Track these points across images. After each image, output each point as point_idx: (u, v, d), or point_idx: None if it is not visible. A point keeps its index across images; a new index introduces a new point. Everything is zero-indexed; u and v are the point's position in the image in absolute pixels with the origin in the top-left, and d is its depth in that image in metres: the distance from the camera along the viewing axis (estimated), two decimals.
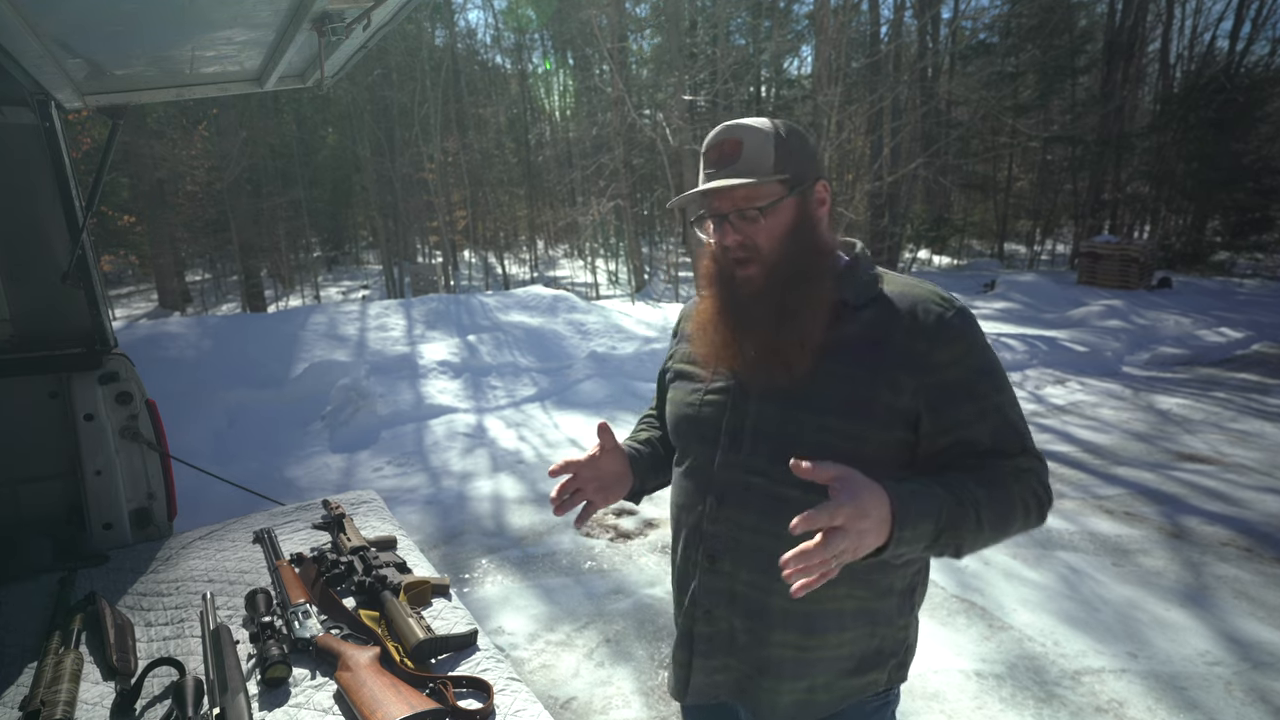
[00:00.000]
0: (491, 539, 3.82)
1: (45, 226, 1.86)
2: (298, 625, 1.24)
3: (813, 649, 1.02)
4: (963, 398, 0.95)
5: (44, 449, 1.89)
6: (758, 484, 1.01)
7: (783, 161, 0.98)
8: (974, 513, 0.89)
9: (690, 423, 1.10)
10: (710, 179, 1.00)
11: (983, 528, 0.90)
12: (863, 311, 0.99)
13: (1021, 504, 0.94)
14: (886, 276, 1.04)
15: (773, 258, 0.99)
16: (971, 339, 0.97)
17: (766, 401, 1.01)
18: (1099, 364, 7.73)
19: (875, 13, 16.35)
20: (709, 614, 1.06)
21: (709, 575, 1.06)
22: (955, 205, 20.22)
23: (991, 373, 0.97)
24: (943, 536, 0.88)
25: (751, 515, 1.01)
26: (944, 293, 1.01)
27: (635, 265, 15.82)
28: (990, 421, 0.96)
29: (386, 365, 6.66)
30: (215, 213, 14.83)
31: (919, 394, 0.95)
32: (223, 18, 1.35)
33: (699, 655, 1.08)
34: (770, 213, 0.98)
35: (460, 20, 25.92)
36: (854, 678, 1.05)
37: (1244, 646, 2.73)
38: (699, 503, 1.07)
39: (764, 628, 1.02)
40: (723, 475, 1.04)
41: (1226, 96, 15.08)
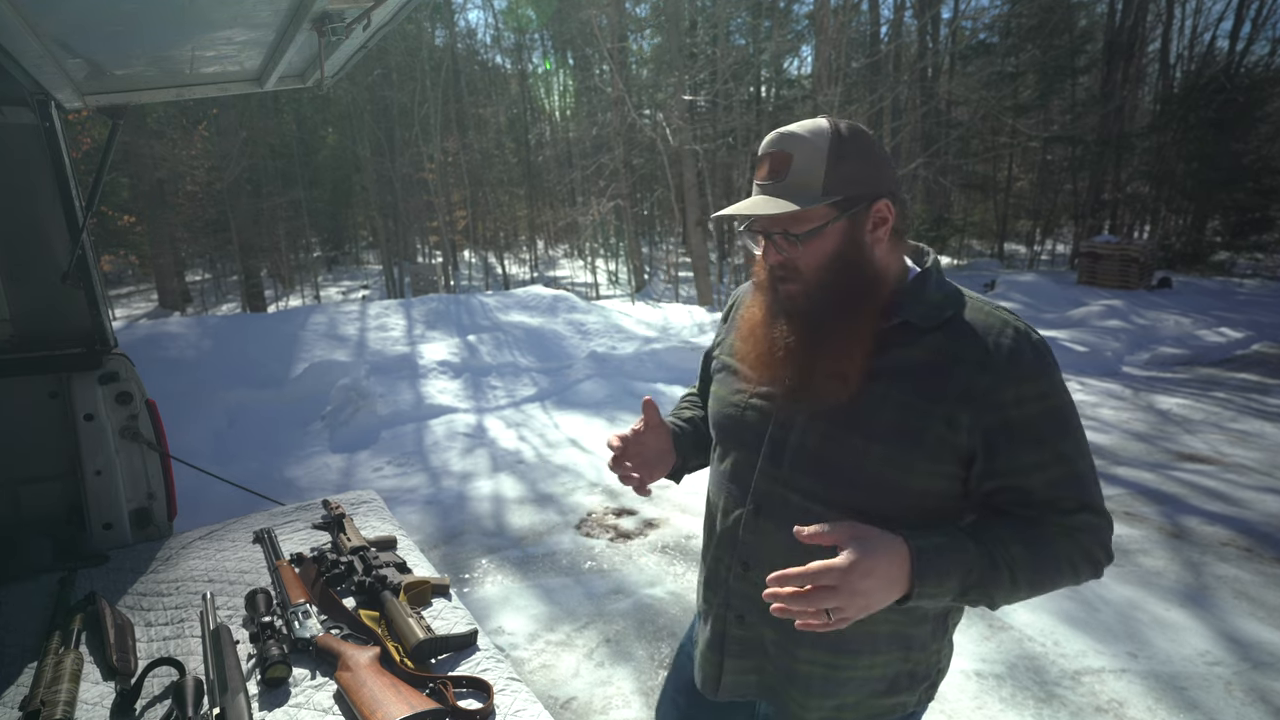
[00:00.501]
0: (491, 539, 3.82)
1: (45, 226, 1.86)
2: (298, 625, 1.24)
3: (843, 668, 1.00)
4: (1024, 442, 0.88)
5: (44, 449, 1.89)
6: (796, 500, 0.98)
7: (834, 181, 0.90)
8: (1008, 573, 0.86)
9: (733, 424, 1.07)
10: (760, 191, 0.95)
11: (1018, 586, 0.87)
12: (928, 335, 0.92)
13: (1069, 564, 0.89)
14: (965, 296, 0.97)
15: (814, 282, 0.95)
16: (1045, 378, 0.89)
17: (815, 419, 0.96)
18: (1099, 364, 7.73)
19: (875, 13, 16.37)
20: (741, 619, 1.05)
21: (742, 581, 1.04)
22: (955, 205, 20.22)
23: (1061, 418, 0.90)
24: (971, 593, 0.85)
25: (785, 531, 0.97)
26: (1022, 323, 0.93)
27: (635, 265, 15.82)
28: (1050, 473, 0.89)
29: (386, 365, 6.66)
30: (215, 213, 14.83)
31: (975, 432, 0.89)
32: (223, 18, 1.35)
33: (730, 657, 1.07)
34: (813, 239, 0.92)
35: (460, 20, 25.95)
36: (884, 699, 1.03)
37: (1244, 646, 2.73)
38: (736, 507, 1.05)
39: (793, 643, 1.01)
40: (762, 485, 1.01)
41: (1226, 96, 15.08)
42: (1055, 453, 0.89)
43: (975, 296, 0.98)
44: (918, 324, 0.93)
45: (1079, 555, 0.89)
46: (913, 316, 0.93)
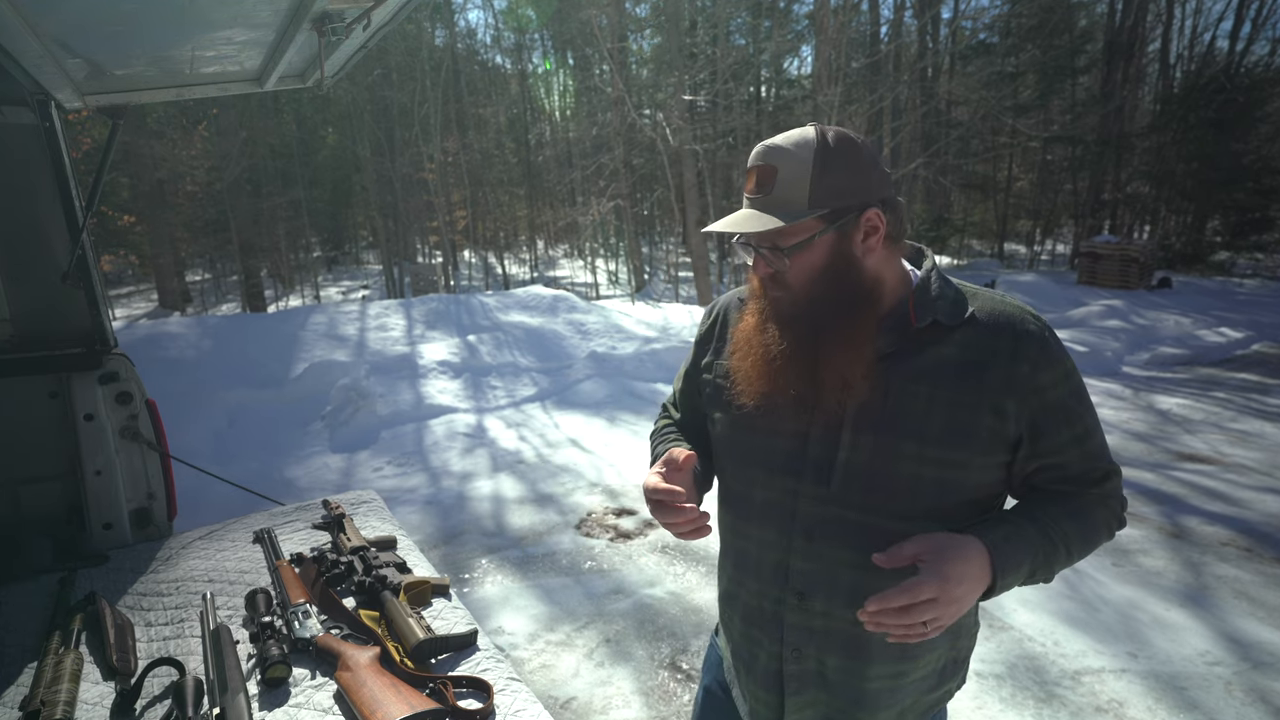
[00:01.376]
0: (491, 539, 3.82)
1: (45, 226, 1.86)
2: (298, 625, 1.24)
3: (906, 674, 1.01)
4: (1061, 423, 0.93)
5: (44, 449, 1.89)
6: (852, 518, 0.95)
7: (820, 193, 0.89)
8: (1064, 548, 0.92)
9: (758, 452, 1.02)
10: (748, 204, 0.95)
11: (1071, 556, 0.94)
12: (956, 332, 0.93)
13: (1105, 527, 0.99)
14: (968, 291, 0.99)
15: (803, 295, 0.95)
16: (1068, 360, 0.95)
17: (860, 432, 0.94)
18: (1099, 364, 7.73)
19: (875, 13, 16.37)
20: (798, 652, 1.01)
21: (799, 613, 1.00)
22: (955, 205, 20.22)
23: (1084, 394, 0.96)
24: (1038, 572, 0.91)
25: (848, 550, 0.95)
26: (1033, 310, 0.97)
27: (635, 265, 15.82)
28: (1084, 446, 0.95)
29: (386, 365, 6.67)
30: (215, 213, 14.84)
31: (1021, 419, 0.91)
32: (223, 18, 1.35)
33: (791, 694, 1.03)
34: (798, 252, 0.92)
35: (460, 20, 25.94)
36: (934, 692, 1.05)
37: (1244, 646, 2.73)
38: (781, 539, 1.00)
39: (861, 664, 0.99)
40: (810, 509, 0.97)
41: (1226, 96, 15.09)
42: (1084, 427, 0.95)
43: (980, 289, 1.00)
44: (946, 322, 0.93)
45: (1112, 518, 1.00)
46: (940, 315, 0.94)
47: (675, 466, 1.00)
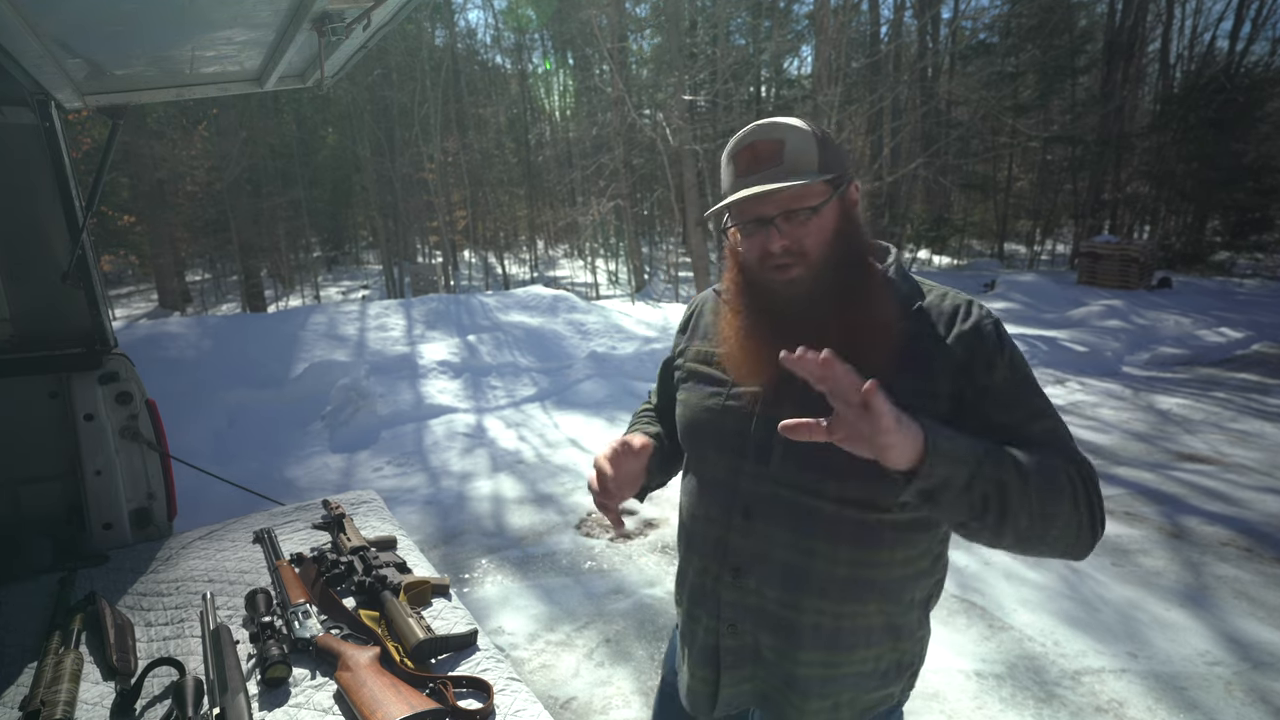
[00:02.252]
0: (491, 539, 3.82)
1: (45, 226, 1.86)
2: (298, 625, 1.24)
3: (840, 665, 1.00)
4: (1007, 406, 0.92)
5: (44, 449, 1.89)
6: (788, 496, 0.97)
7: (825, 160, 0.94)
8: (1016, 471, 0.82)
9: (710, 430, 1.05)
10: (750, 184, 0.94)
11: (1028, 492, 0.82)
12: (902, 324, 0.96)
13: (1071, 486, 0.86)
14: (924, 286, 1.02)
15: (820, 261, 0.95)
16: (1009, 348, 0.95)
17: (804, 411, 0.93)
18: (1099, 364, 7.73)
19: (875, 13, 16.37)
20: (734, 628, 1.03)
21: (733, 590, 1.02)
22: (955, 205, 20.22)
23: (1030, 383, 0.95)
24: (985, 465, 0.81)
25: (783, 530, 0.98)
26: (978, 300, 0.99)
27: (635, 265, 15.82)
28: (1033, 429, 0.92)
29: (386, 365, 6.67)
30: (215, 213, 14.83)
31: (952, 399, 0.92)
32: (222, 18, 1.35)
33: (726, 669, 1.05)
34: (815, 217, 0.94)
35: (460, 20, 25.94)
36: (876, 691, 1.04)
37: (1244, 646, 2.73)
38: (723, 515, 1.03)
39: (792, 646, 1.00)
40: (750, 487, 1.00)
41: (1226, 96, 15.08)
42: (1033, 410, 0.93)
43: (932, 284, 1.03)
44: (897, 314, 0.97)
45: (1079, 481, 0.87)
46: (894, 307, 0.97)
47: (630, 450, 1.04)
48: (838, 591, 0.97)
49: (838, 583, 0.97)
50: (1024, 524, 0.84)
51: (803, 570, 0.97)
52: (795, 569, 0.97)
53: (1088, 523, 0.88)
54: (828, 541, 0.96)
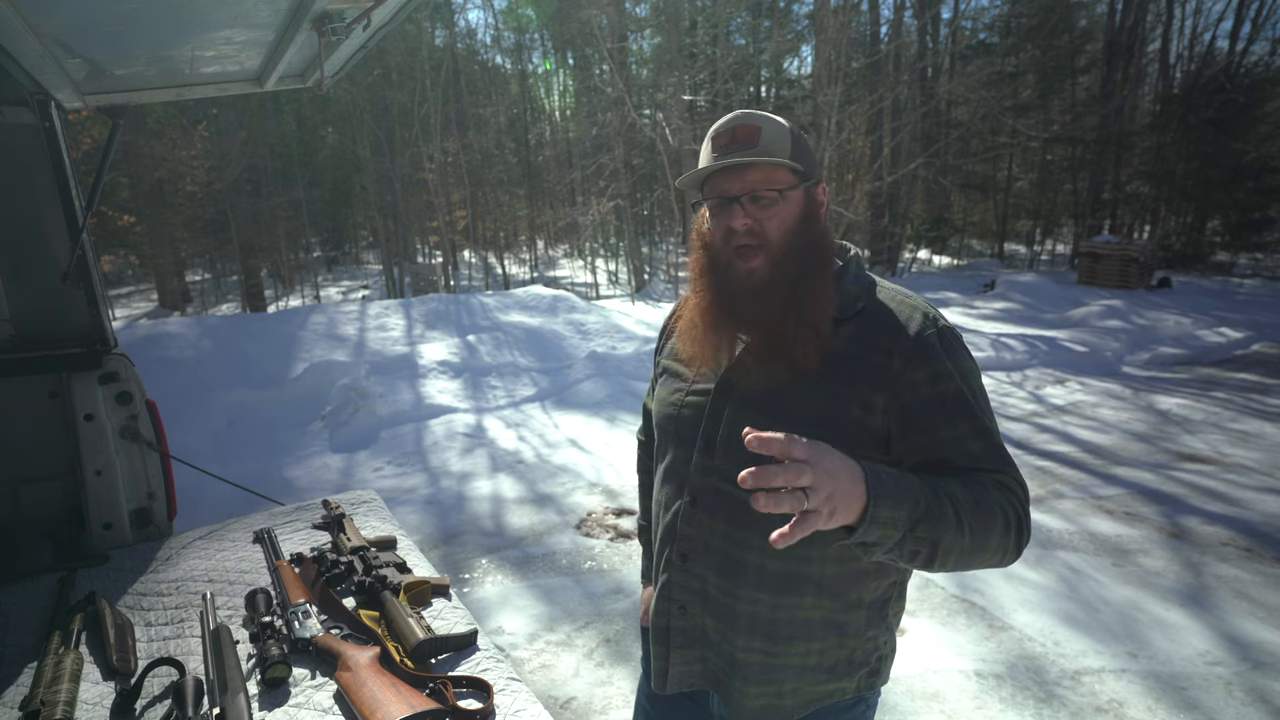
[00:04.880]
0: (491, 539, 3.82)
1: (45, 226, 1.86)
2: (298, 625, 1.24)
3: (779, 655, 1.02)
4: (937, 419, 0.91)
5: (44, 449, 1.89)
6: (726, 490, 1.00)
7: (796, 151, 0.98)
8: (952, 509, 0.81)
9: (671, 422, 1.10)
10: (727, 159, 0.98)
11: (963, 529, 0.82)
12: (844, 325, 0.98)
13: (1002, 515, 0.86)
14: (877, 287, 1.02)
15: (781, 249, 0.97)
16: (951, 359, 0.93)
17: (743, 407, 0.99)
18: (1099, 364, 7.73)
19: (875, 13, 16.36)
20: (683, 609, 1.08)
21: (681, 574, 1.07)
22: (955, 205, 20.21)
23: (970, 396, 0.93)
24: (919, 528, 0.79)
25: (720, 521, 1.01)
26: (931, 309, 0.98)
27: (635, 265, 15.81)
28: (969, 445, 0.91)
29: (386, 365, 6.66)
30: (215, 213, 14.84)
31: (889, 413, 0.92)
32: (222, 18, 1.35)
33: (675, 647, 1.10)
34: (779, 204, 0.97)
35: (460, 20, 25.95)
36: (821, 685, 1.04)
37: (1244, 647, 2.73)
38: (674, 501, 1.08)
39: (730, 630, 1.03)
40: (697, 478, 1.04)
41: (1226, 96, 15.09)
42: (969, 426, 0.91)
43: (888, 285, 1.03)
44: (836, 314, 0.98)
45: (1009, 508, 0.87)
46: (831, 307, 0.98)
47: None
48: (772, 583, 0.99)
49: (771, 575, 0.99)
50: (951, 564, 0.84)
51: (738, 561, 1.00)
52: (731, 559, 1.01)
53: (1013, 545, 0.88)
54: (760, 536, 0.97)
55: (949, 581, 3.22)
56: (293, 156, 17.95)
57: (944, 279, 15.69)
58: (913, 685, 2.51)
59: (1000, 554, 0.87)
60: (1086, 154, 16.96)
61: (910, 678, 2.55)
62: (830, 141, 10.75)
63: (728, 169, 0.98)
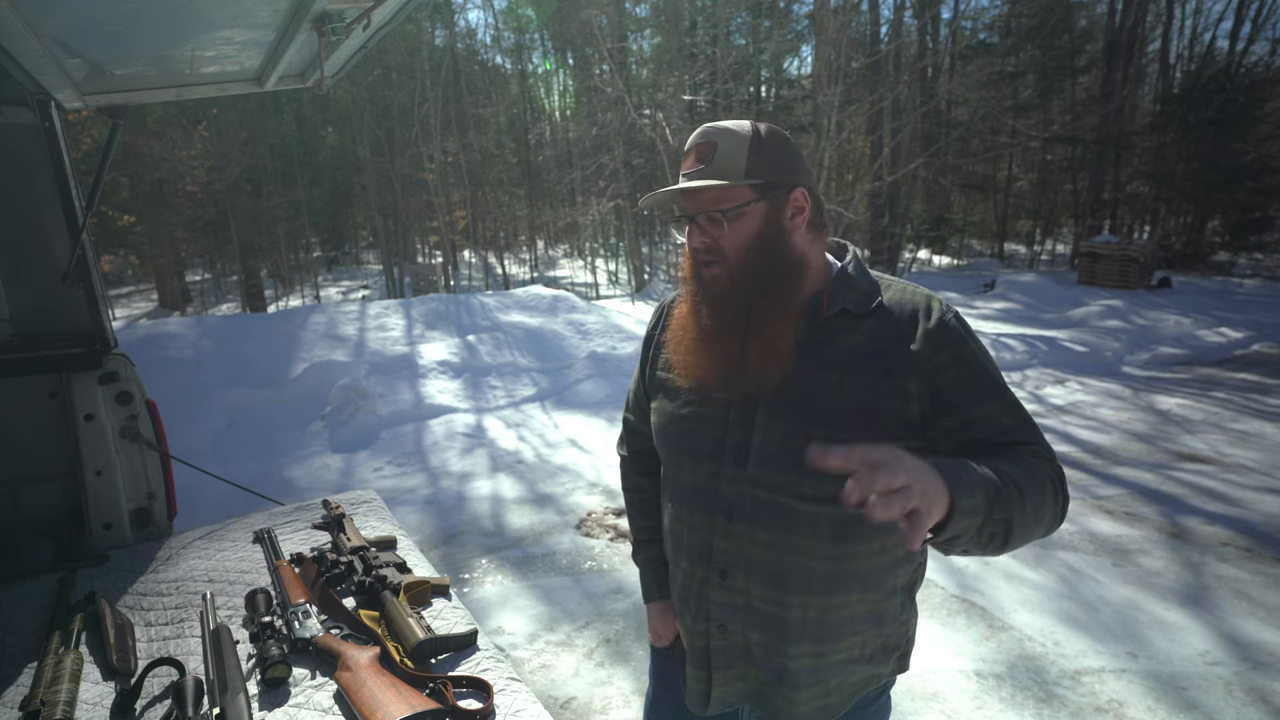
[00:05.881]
0: (491, 539, 3.82)
1: (45, 226, 1.86)
2: (298, 625, 1.24)
3: (827, 654, 1.03)
4: (968, 399, 0.94)
5: (44, 449, 1.89)
6: (766, 498, 0.99)
7: (755, 166, 0.97)
8: (1015, 487, 0.83)
9: (687, 438, 1.08)
10: (684, 180, 1.01)
11: (1026, 504, 0.84)
12: (865, 320, 0.99)
13: (1051, 484, 0.89)
14: (883, 282, 1.04)
15: (737, 264, 0.98)
16: (971, 341, 0.98)
17: (774, 417, 0.99)
18: (1099, 364, 7.73)
19: (875, 13, 16.35)
20: (724, 628, 1.06)
21: (721, 591, 1.05)
22: (955, 205, 20.21)
23: (994, 374, 0.97)
24: (995, 510, 0.80)
25: (762, 530, 1.00)
26: (938, 296, 1.02)
27: (635, 265, 15.81)
28: (1001, 421, 0.94)
29: (386, 365, 6.66)
30: (215, 213, 14.84)
31: (923, 398, 0.95)
32: (222, 18, 1.35)
33: (717, 669, 1.08)
34: (735, 218, 0.97)
35: (460, 20, 25.95)
36: (862, 674, 1.07)
37: (1244, 647, 2.73)
38: (706, 520, 1.05)
39: (780, 641, 1.02)
40: (730, 490, 1.02)
41: (1226, 96, 15.09)
42: (998, 404, 0.95)
43: (893, 280, 1.05)
44: (855, 311, 0.99)
45: (1055, 477, 0.91)
46: (849, 304, 1.00)
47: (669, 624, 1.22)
48: (822, 585, 1.00)
49: (820, 577, 0.99)
50: (1017, 541, 0.86)
51: (786, 568, 1.00)
52: (779, 567, 1.00)
53: (1061, 512, 0.93)
54: (808, 538, 0.98)
55: (949, 581, 3.22)
56: (293, 156, 17.95)
57: (944, 279, 15.69)
58: (913, 685, 2.51)
59: (1052, 523, 0.91)
60: (1086, 154, 16.96)
61: (910, 677, 2.55)
62: (830, 141, 10.74)
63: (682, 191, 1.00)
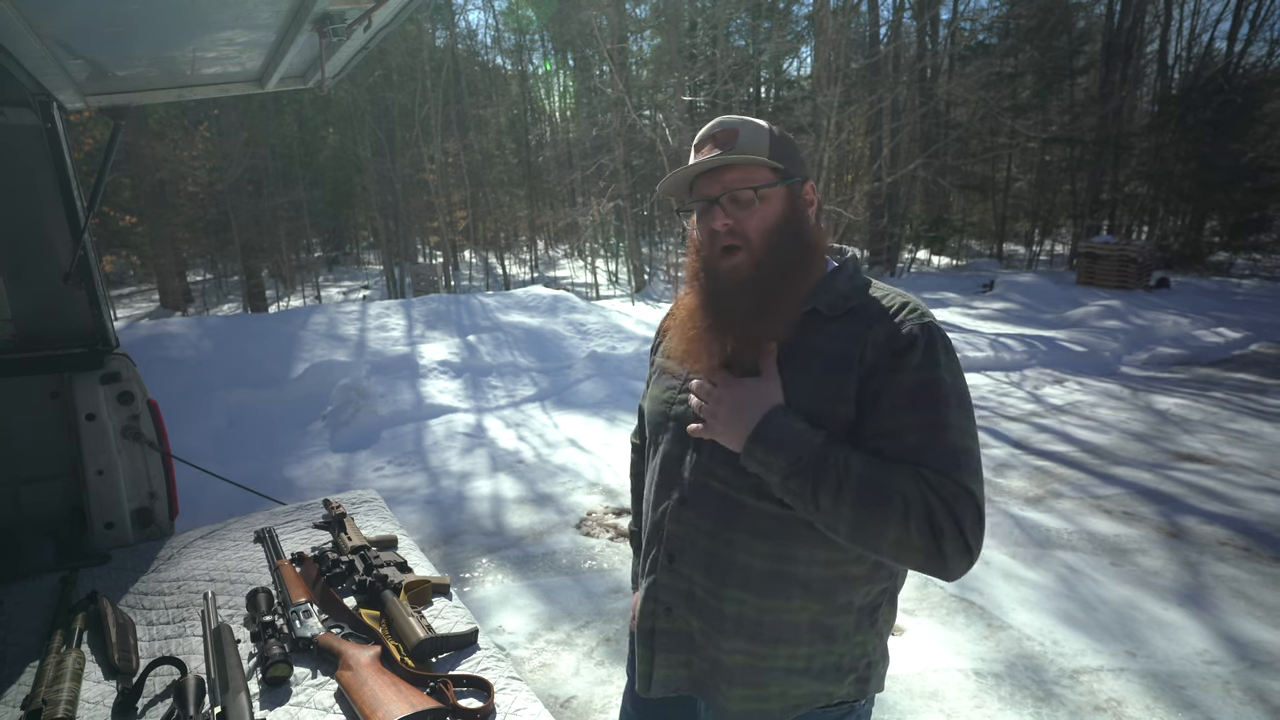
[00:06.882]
0: (491, 538, 3.83)
1: (47, 227, 1.86)
2: (299, 624, 1.25)
3: (765, 657, 1.00)
4: (901, 409, 0.91)
5: (46, 449, 1.90)
6: (715, 487, 1.01)
7: (776, 153, 0.99)
8: (836, 475, 0.88)
9: (663, 420, 1.11)
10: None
11: (842, 497, 0.87)
12: (832, 324, 0.98)
13: (902, 501, 0.85)
14: (871, 287, 1.02)
15: (762, 248, 0.97)
16: (928, 355, 0.92)
17: None
18: (1097, 364, 7.74)
19: (874, 14, 16.37)
20: (669, 611, 1.06)
21: (668, 574, 1.06)
22: (954, 206, 20.22)
23: (942, 394, 0.91)
24: (794, 480, 0.90)
25: (707, 519, 1.01)
26: (921, 306, 0.98)
27: (635, 265, 15.81)
28: (921, 438, 0.89)
29: (386, 365, 6.67)
30: (216, 213, 14.85)
31: (864, 398, 0.93)
32: (223, 19, 1.36)
33: (660, 650, 1.08)
34: (763, 197, 0.97)
35: (460, 21, 25.94)
36: (807, 688, 1.02)
37: (1242, 646, 2.73)
38: (664, 501, 1.07)
39: (717, 632, 1.02)
40: (689, 476, 1.04)
41: (1224, 97, 15.10)
42: (931, 421, 0.89)
43: (883, 286, 1.04)
44: (825, 312, 0.99)
45: (918, 504, 0.85)
46: (820, 305, 0.99)
47: None
48: (759, 584, 0.99)
49: (757, 575, 0.99)
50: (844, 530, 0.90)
51: (726, 560, 1.00)
52: (719, 558, 1.00)
53: (930, 546, 0.85)
54: (748, 534, 0.98)
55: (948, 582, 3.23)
56: (294, 157, 17.96)
57: (943, 279, 15.69)
58: (911, 684, 2.52)
59: (911, 552, 0.86)
60: (1085, 154, 16.97)
61: (909, 677, 2.56)
62: (830, 142, 10.75)
63: (708, 172, 1.00)
